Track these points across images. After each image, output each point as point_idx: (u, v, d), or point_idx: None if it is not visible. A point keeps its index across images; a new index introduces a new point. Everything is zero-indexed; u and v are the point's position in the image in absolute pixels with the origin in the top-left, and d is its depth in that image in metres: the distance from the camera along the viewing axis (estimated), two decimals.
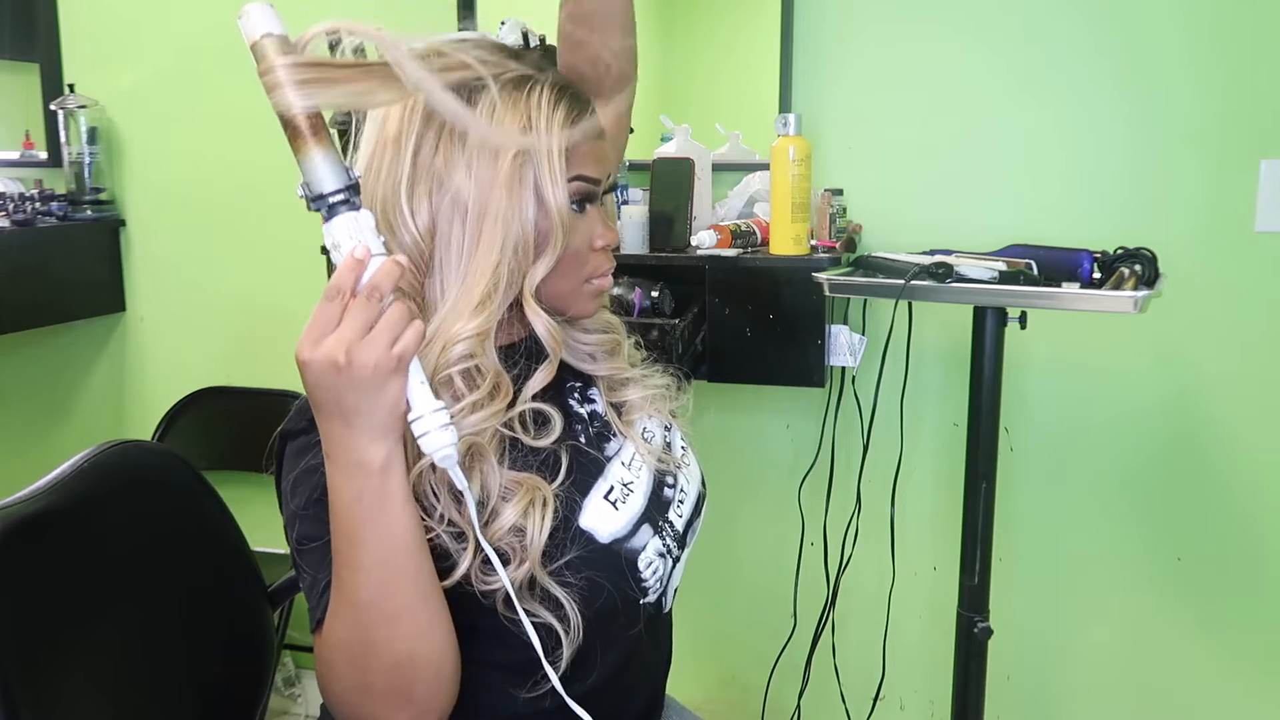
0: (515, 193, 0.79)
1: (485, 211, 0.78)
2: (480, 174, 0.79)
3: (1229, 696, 1.69)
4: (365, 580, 0.71)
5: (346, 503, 0.70)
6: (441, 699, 0.76)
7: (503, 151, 0.79)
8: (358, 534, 0.70)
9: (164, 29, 2.11)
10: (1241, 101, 1.56)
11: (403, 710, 0.74)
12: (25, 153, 2.24)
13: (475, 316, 0.77)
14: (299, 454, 0.79)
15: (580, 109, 0.83)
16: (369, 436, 0.68)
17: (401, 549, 0.71)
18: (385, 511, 0.70)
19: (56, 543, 0.94)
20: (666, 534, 0.88)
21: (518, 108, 0.80)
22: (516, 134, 0.79)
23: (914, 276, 1.29)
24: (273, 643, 1.20)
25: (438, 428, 0.70)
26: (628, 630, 0.83)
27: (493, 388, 0.79)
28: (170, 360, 2.23)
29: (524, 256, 0.80)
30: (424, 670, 0.73)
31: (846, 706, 1.85)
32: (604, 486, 0.86)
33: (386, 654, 0.72)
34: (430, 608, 0.73)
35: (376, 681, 0.73)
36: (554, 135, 0.80)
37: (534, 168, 0.79)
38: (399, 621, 0.71)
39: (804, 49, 1.74)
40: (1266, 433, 1.62)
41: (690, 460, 0.97)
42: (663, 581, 0.87)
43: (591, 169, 0.84)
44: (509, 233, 0.79)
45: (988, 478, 1.36)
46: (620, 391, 0.94)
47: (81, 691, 0.91)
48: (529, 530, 0.78)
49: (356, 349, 0.66)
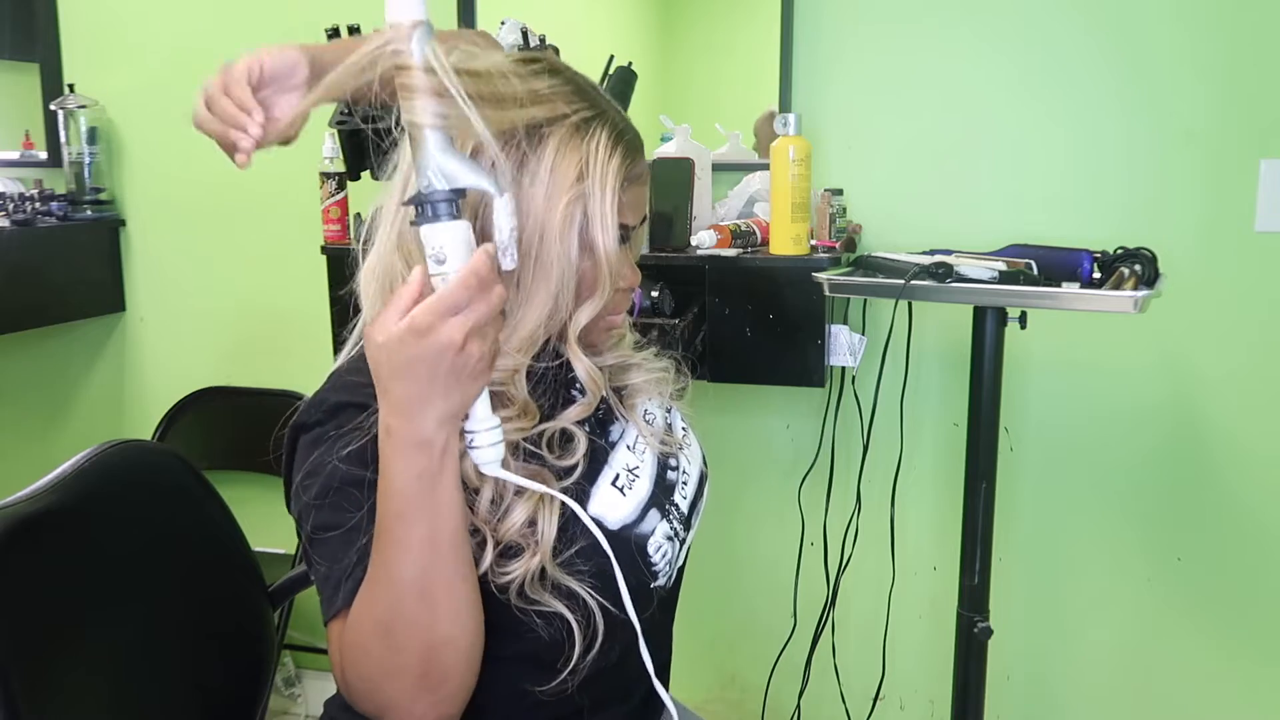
0: (566, 237, 0.80)
1: (538, 253, 0.79)
2: (534, 213, 0.79)
3: (1229, 696, 1.70)
4: (411, 559, 0.72)
5: (403, 481, 0.71)
6: (466, 686, 0.77)
7: (558, 195, 0.79)
8: (409, 512, 0.72)
9: (164, 29, 2.11)
10: (1241, 101, 1.56)
11: (429, 694, 0.75)
12: (25, 153, 2.24)
13: (515, 354, 0.80)
14: (313, 446, 0.80)
15: (634, 155, 0.84)
16: (440, 420, 0.70)
17: (449, 530, 0.73)
18: (438, 492, 0.72)
19: (57, 542, 0.94)
20: (673, 517, 0.89)
21: (577, 152, 0.80)
22: (573, 180, 0.79)
23: (914, 276, 1.29)
24: (273, 643, 1.20)
25: (489, 444, 0.74)
26: (640, 614, 0.84)
27: (520, 414, 0.81)
28: (170, 360, 2.23)
29: (567, 299, 0.81)
30: (456, 654, 0.75)
31: (846, 706, 1.86)
32: (610, 474, 0.87)
33: (427, 635, 0.73)
34: (468, 590, 0.75)
35: (409, 662, 0.74)
36: (609, 183, 0.81)
37: (585, 213, 0.80)
38: (438, 603, 0.73)
39: (804, 49, 1.74)
40: (1266, 432, 1.62)
41: (691, 440, 0.99)
42: (671, 565, 0.88)
43: (632, 217, 0.85)
44: (560, 276, 0.80)
45: (988, 478, 1.36)
46: (622, 376, 0.95)
47: (82, 690, 0.91)
48: (537, 531, 0.79)
49: (476, 337, 0.68)
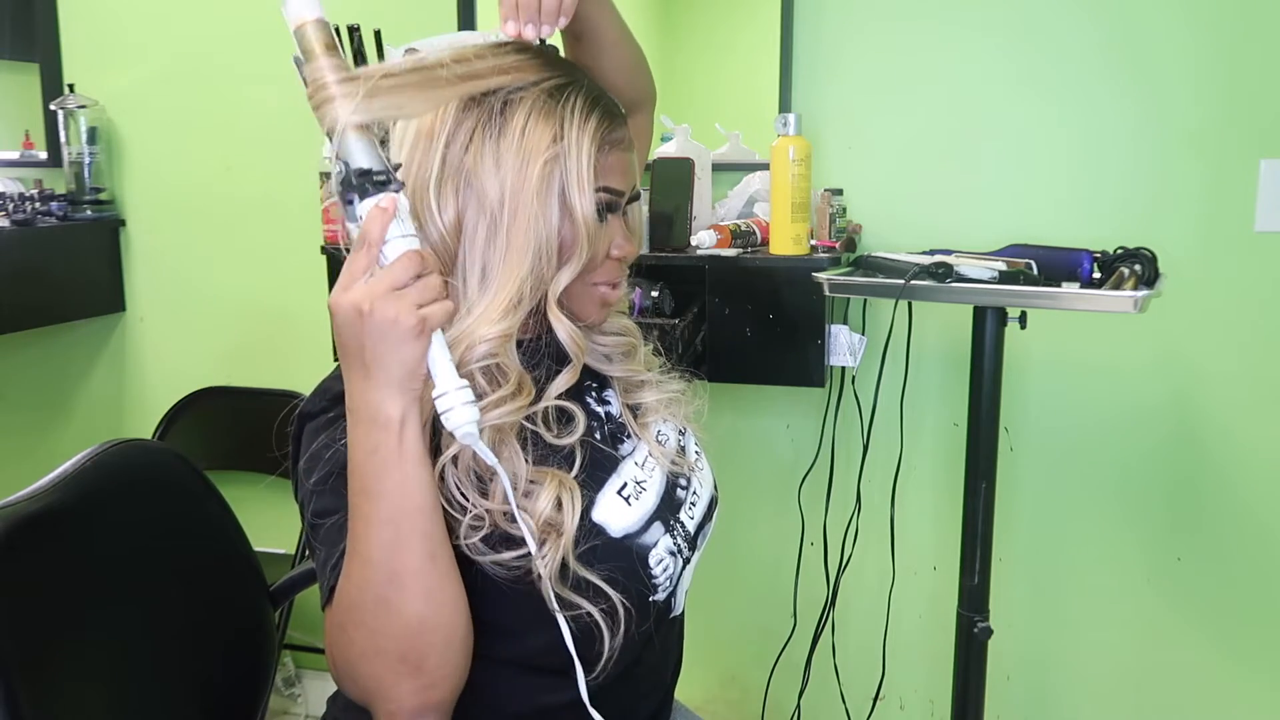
0: (543, 200, 0.80)
1: (514, 217, 0.80)
2: (509, 178, 0.80)
3: (1229, 696, 1.70)
4: (377, 536, 0.72)
5: (363, 456, 0.72)
6: (451, 673, 0.76)
7: (533, 157, 0.80)
8: (371, 488, 0.72)
9: (164, 29, 2.11)
10: (1241, 101, 1.56)
11: (412, 679, 0.74)
12: (25, 153, 2.24)
13: (500, 321, 0.79)
14: (316, 433, 0.81)
15: (612, 119, 0.84)
16: (386, 392, 0.71)
17: (413, 507, 0.72)
18: (399, 468, 0.71)
19: (58, 542, 0.94)
20: (678, 533, 0.89)
21: (551, 116, 0.81)
22: (548, 141, 0.80)
23: (914, 276, 1.29)
24: (273, 643, 1.20)
25: (461, 404, 0.72)
26: (639, 626, 0.83)
27: (516, 387, 0.80)
28: (170, 360, 2.23)
29: (549, 263, 0.81)
30: (434, 637, 0.74)
31: (846, 706, 1.86)
32: (617, 482, 0.87)
33: (398, 616, 0.73)
34: (438, 571, 0.74)
35: (388, 645, 0.73)
36: (584, 145, 0.81)
37: (562, 175, 0.80)
38: (406, 583, 0.73)
39: (804, 49, 1.74)
40: (1266, 432, 1.62)
41: (703, 465, 0.98)
42: (673, 580, 0.88)
43: (617, 181, 0.85)
44: (537, 239, 0.80)
45: (988, 478, 1.36)
46: (636, 394, 0.95)
47: (83, 690, 0.91)
48: (563, 514, 0.79)
49: (381, 300, 0.69)
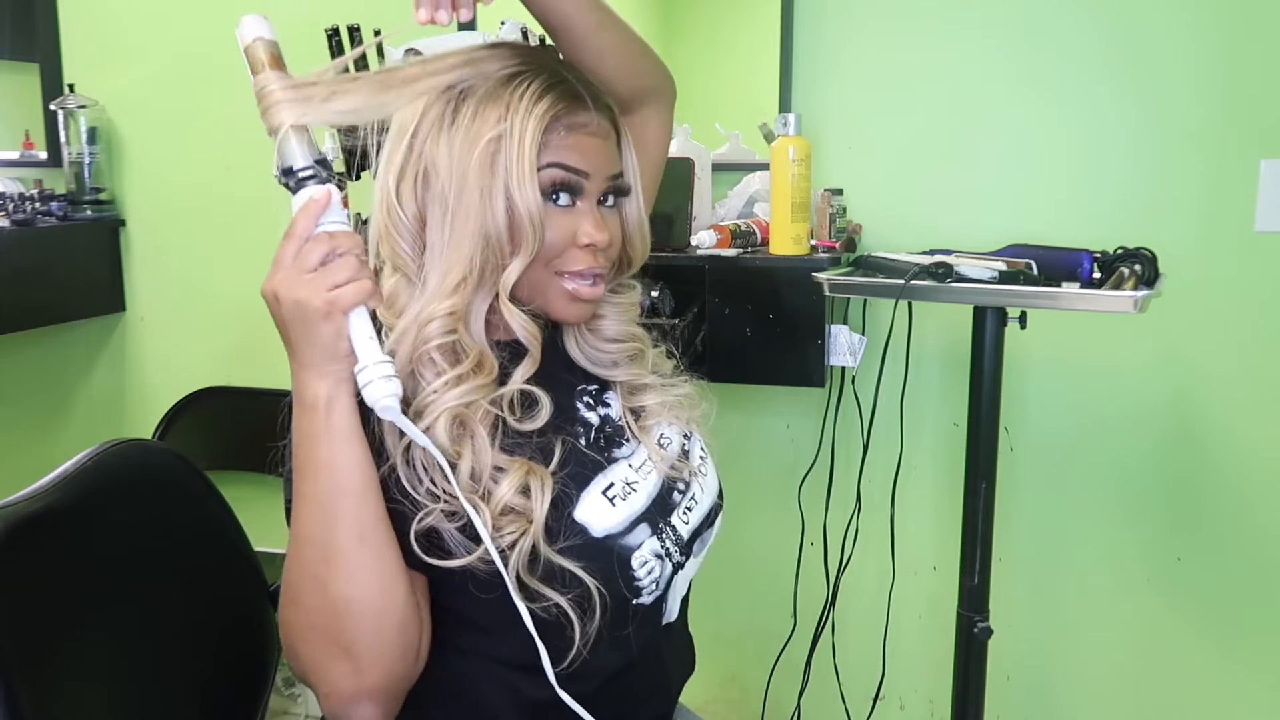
0: (485, 183, 0.79)
1: (459, 199, 0.79)
2: (455, 163, 0.79)
3: (1229, 696, 1.69)
4: (309, 513, 0.74)
5: (297, 436, 0.74)
6: (382, 659, 0.75)
7: (478, 140, 0.79)
8: (304, 466, 0.74)
9: (164, 29, 2.11)
10: (1241, 101, 1.56)
11: (342, 661, 0.75)
12: (25, 153, 2.24)
13: (448, 298, 0.79)
14: None
15: (568, 102, 0.82)
16: (309, 373, 0.73)
17: (341, 486, 0.74)
18: (326, 447, 0.73)
19: (58, 541, 0.94)
20: (666, 537, 0.87)
21: (499, 100, 0.80)
22: (493, 123, 0.79)
23: (914, 276, 1.29)
24: (273, 643, 1.19)
25: (379, 378, 0.72)
26: (617, 629, 0.82)
27: (476, 364, 0.80)
28: (170, 360, 2.23)
29: (498, 249, 0.80)
30: (361, 620, 0.74)
31: (846, 706, 1.86)
32: (604, 483, 0.86)
33: (323, 593, 0.74)
34: (368, 552, 0.74)
35: (319, 624, 0.75)
36: (529, 124, 0.79)
37: (506, 155, 0.79)
38: (333, 562, 0.74)
39: (804, 49, 1.74)
40: (1266, 432, 1.62)
41: (708, 470, 0.96)
42: (659, 584, 0.86)
43: (573, 159, 0.82)
44: (483, 219, 0.79)
45: (987, 478, 1.36)
46: (638, 396, 0.94)
47: (83, 690, 0.91)
48: (531, 501, 0.78)
49: (289, 286, 0.71)
